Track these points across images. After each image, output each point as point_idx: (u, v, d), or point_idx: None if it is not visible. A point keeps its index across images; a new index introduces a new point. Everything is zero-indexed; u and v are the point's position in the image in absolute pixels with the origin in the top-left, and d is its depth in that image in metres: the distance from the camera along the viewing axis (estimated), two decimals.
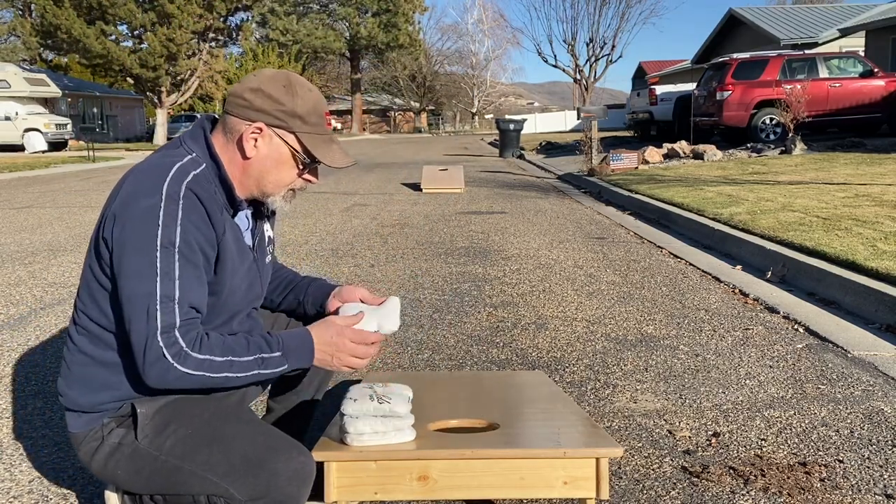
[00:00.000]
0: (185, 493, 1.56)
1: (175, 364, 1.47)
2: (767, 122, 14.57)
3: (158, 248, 1.48)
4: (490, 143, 28.79)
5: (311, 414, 2.07)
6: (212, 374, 1.50)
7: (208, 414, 1.59)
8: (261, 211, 1.76)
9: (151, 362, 1.46)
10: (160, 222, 1.48)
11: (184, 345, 1.48)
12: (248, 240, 1.73)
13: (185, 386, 1.51)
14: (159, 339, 1.46)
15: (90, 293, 1.59)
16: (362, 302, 1.83)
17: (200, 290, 1.54)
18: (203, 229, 1.54)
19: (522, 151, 19.32)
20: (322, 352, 1.64)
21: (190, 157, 1.59)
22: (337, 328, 1.66)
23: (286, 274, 2.09)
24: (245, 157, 1.62)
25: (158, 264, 1.47)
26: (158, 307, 1.46)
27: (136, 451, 1.58)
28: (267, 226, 1.84)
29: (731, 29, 29.16)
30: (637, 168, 11.68)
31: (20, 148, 25.49)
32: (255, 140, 1.61)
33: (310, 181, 1.71)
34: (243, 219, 1.72)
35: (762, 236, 5.15)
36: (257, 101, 1.60)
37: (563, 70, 36.81)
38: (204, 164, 1.59)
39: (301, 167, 1.65)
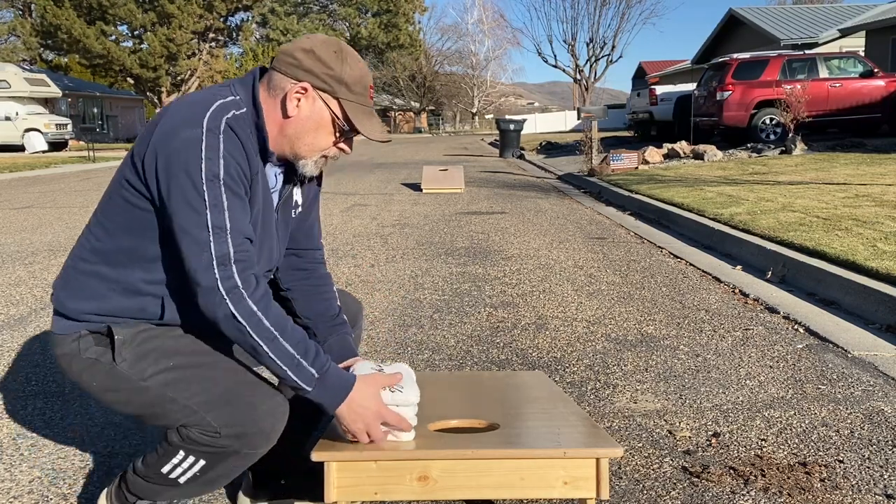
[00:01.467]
0: (161, 417, 1.59)
1: (227, 301, 1.46)
2: (767, 122, 14.58)
3: (204, 181, 1.48)
4: (490, 144, 28.79)
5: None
6: (252, 332, 1.48)
7: (190, 349, 1.62)
8: (292, 175, 1.74)
9: (205, 292, 1.47)
10: (203, 155, 1.49)
11: (239, 282, 1.47)
12: (275, 199, 1.73)
13: (225, 328, 1.49)
14: (215, 270, 1.46)
15: (116, 209, 1.60)
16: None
17: (248, 220, 1.55)
18: (242, 164, 1.54)
19: (522, 151, 19.32)
20: (351, 412, 1.57)
21: (233, 98, 1.59)
22: (380, 405, 1.59)
23: (327, 287, 1.94)
24: (286, 116, 1.61)
25: (206, 196, 1.47)
26: (212, 238, 1.47)
27: (114, 372, 1.59)
28: (297, 191, 1.80)
29: (731, 29, 29.17)
30: (637, 168, 11.68)
31: (20, 148, 25.49)
32: (299, 100, 1.61)
33: (344, 150, 1.69)
34: (272, 176, 1.71)
35: (762, 236, 5.15)
36: (307, 62, 1.60)
37: (563, 70, 36.78)
38: (245, 108, 1.60)
39: (338, 135, 1.65)
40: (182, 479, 1.63)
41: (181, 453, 1.60)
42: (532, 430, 1.82)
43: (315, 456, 1.60)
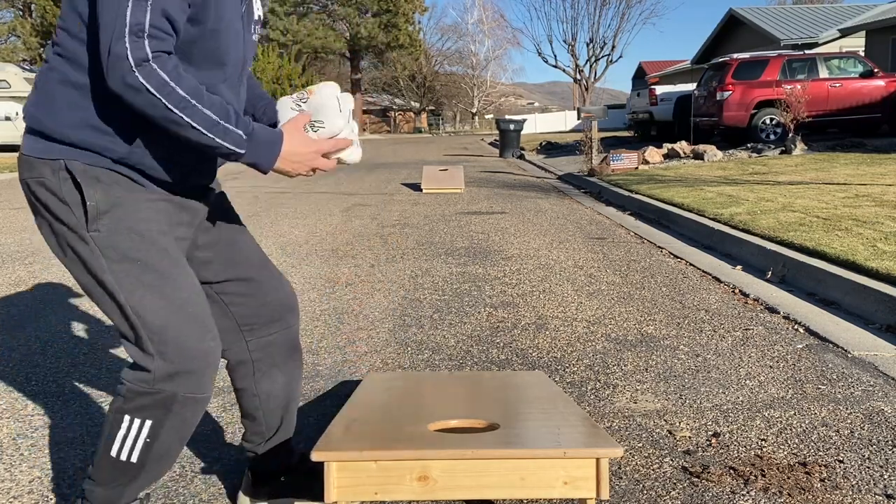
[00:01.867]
0: (107, 309, 1.58)
1: (135, 70, 1.40)
2: (767, 122, 14.57)
3: None
4: (490, 144, 28.79)
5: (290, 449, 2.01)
6: (166, 103, 1.43)
7: (156, 261, 1.58)
8: None
9: (114, 62, 1.40)
10: None
11: (150, 54, 1.41)
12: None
13: (136, 102, 1.43)
14: (126, 39, 1.40)
15: (72, 7, 1.52)
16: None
17: (179, 5, 1.46)
18: None
19: (522, 151, 19.32)
20: (288, 162, 1.61)
21: None
22: (312, 144, 1.63)
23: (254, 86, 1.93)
24: None
25: None
26: (129, 6, 1.40)
27: (82, 243, 1.55)
28: (257, 4, 1.74)
29: (732, 29, 29.17)
30: (637, 168, 11.68)
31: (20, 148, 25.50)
32: None
33: None
34: None
35: (762, 236, 5.15)
36: None
37: (563, 70, 36.75)
38: None
39: None
40: (134, 457, 1.60)
41: (126, 419, 1.58)
42: (532, 430, 1.82)
43: (315, 456, 1.61)
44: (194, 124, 1.47)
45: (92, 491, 1.65)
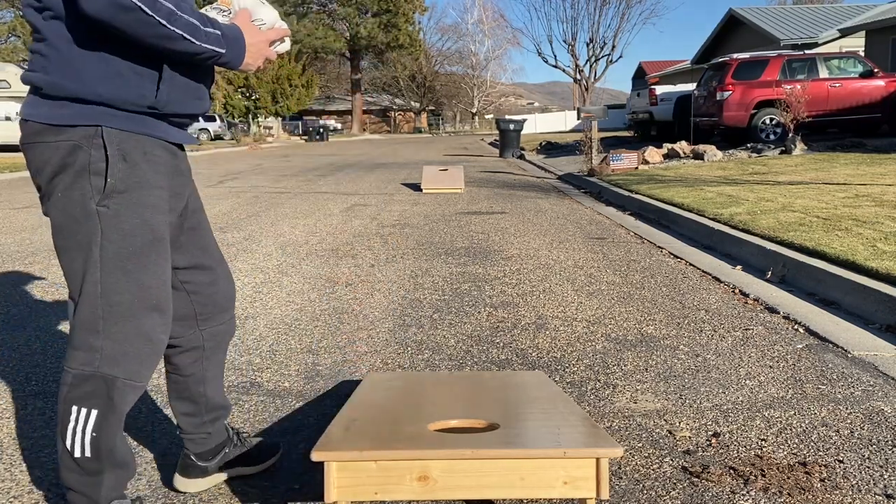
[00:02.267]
0: (73, 276, 1.63)
1: None
2: (767, 122, 14.58)
3: None
4: (490, 144, 28.79)
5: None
6: (158, 18, 1.47)
7: (145, 249, 1.63)
8: None
9: None
10: None
11: None
12: None
13: (125, 23, 1.45)
14: None
15: None
16: None
17: None
18: None
19: (522, 151, 19.32)
20: (252, 55, 1.70)
21: None
22: (265, 36, 1.73)
23: None
24: None
25: None
26: None
27: (86, 211, 1.59)
28: None
29: (731, 29, 29.17)
30: (637, 168, 11.68)
31: (20, 148, 25.51)
32: None
33: None
34: None
35: (762, 236, 5.15)
36: None
37: (563, 70, 36.80)
38: None
39: None
40: (88, 451, 1.61)
41: (74, 409, 1.61)
42: (532, 430, 1.82)
43: (315, 456, 1.61)
44: (186, 35, 1.52)
45: (72, 500, 1.67)
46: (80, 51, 1.54)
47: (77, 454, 1.62)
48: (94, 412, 1.61)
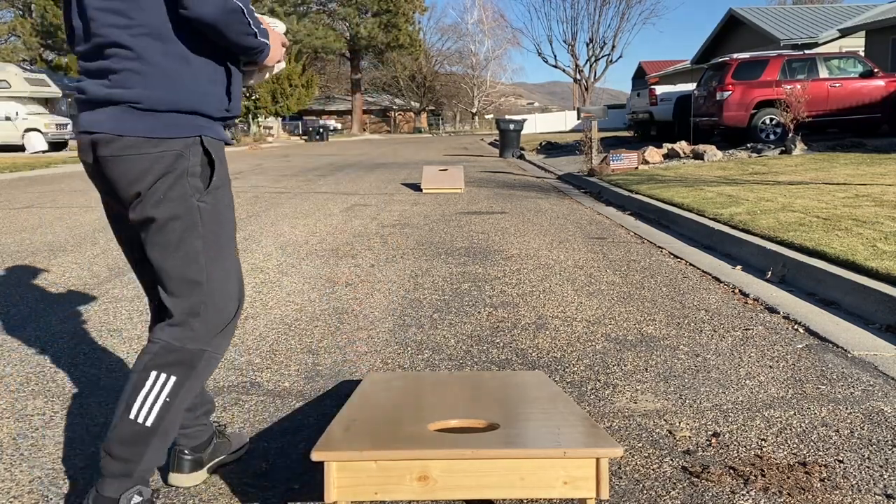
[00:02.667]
0: (177, 266, 1.75)
1: None
2: (767, 122, 14.58)
3: None
4: (490, 144, 28.79)
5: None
6: (249, 19, 1.68)
7: (225, 238, 1.84)
8: None
9: None
10: None
11: None
12: None
13: (229, 24, 1.64)
14: None
15: None
16: None
17: None
18: None
19: (522, 151, 19.32)
20: (274, 50, 1.86)
21: None
22: (279, 38, 1.89)
23: None
24: None
25: None
26: None
27: (190, 208, 1.74)
28: None
29: (731, 29, 29.17)
30: (637, 168, 11.68)
31: (20, 148, 25.49)
32: None
33: None
34: None
35: (762, 236, 5.15)
36: None
37: (563, 70, 36.82)
38: None
39: None
40: (150, 419, 1.72)
41: (153, 375, 1.74)
42: (532, 430, 1.82)
43: (315, 456, 1.61)
44: (257, 32, 1.73)
45: (107, 465, 1.74)
46: (175, 66, 1.68)
47: (140, 419, 1.72)
48: (173, 379, 1.75)
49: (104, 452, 1.74)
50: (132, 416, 1.72)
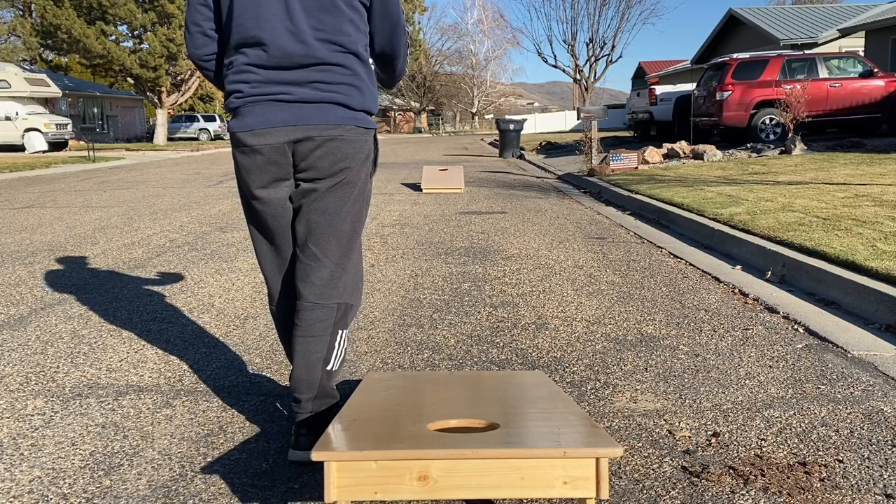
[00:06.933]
0: (346, 234, 2.19)
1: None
2: (767, 122, 14.58)
3: None
4: (490, 144, 28.78)
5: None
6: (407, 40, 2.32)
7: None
8: None
9: (404, 32, 2.30)
10: None
11: None
12: None
13: (404, 51, 2.34)
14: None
15: (344, 17, 2.10)
16: None
17: None
18: None
19: (522, 151, 19.32)
20: None
21: None
22: None
23: None
24: None
25: None
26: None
27: (364, 187, 2.22)
28: None
29: (731, 29, 29.17)
30: (637, 168, 11.69)
31: (20, 148, 25.50)
32: None
33: None
34: None
35: (762, 236, 5.15)
36: None
37: (563, 70, 36.83)
38: None
39: None
40: (337, 364, 2.20)
41: (340, 332, 2.19)
42: (532, 430, 1.82)
43: (315, 456, 1.61)
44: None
45: (304, 408, 2.15)
46: (370, 78, 2.20)
47: (334, 368, 2.19)
48: (345, 332, 2.22)
49: (297, 404, 2.15)
50: (329, 368, 2.17)
